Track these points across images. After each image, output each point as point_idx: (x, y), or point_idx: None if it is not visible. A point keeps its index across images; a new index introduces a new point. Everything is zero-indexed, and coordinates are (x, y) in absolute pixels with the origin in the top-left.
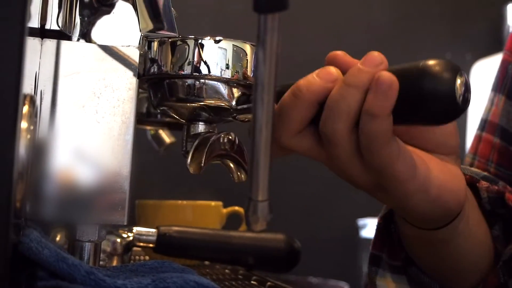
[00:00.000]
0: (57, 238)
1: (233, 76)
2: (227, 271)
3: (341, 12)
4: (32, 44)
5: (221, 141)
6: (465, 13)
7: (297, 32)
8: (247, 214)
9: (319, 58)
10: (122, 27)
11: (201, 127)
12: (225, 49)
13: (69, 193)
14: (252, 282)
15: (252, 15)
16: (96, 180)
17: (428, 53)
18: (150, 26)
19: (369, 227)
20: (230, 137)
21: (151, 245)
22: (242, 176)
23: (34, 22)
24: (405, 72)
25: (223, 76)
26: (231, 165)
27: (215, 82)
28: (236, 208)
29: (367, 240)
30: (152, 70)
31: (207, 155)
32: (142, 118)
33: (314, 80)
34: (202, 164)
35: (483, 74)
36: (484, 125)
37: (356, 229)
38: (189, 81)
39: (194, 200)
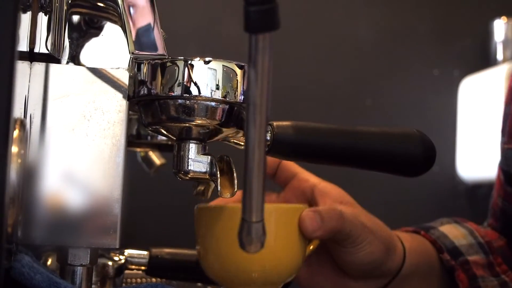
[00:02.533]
0: (49, 262)
1: (223, 97)
2: None
3: (327, 31)
4: (21, 67)
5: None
6: (452, 29)
7: (282, 52)
8: (240, 235)
9: (306, 78)
10: (111, 49)
11: (192, 146)
12: (215, 70)
13: (60, 217)
14: None
15: (243, 35)
16: (88, 203)
17: (416, 70)
18: (139, 48)
19: None
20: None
21: (143, 267)
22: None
23: (23, 45)
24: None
25: (214, 96)
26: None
27: (206, 102)
28: None
29: None
30: (142, 92)
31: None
32: (132, 140)
33: None
34: (236, 189)
35: (471, 90)
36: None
37: None
38: (180, 100)
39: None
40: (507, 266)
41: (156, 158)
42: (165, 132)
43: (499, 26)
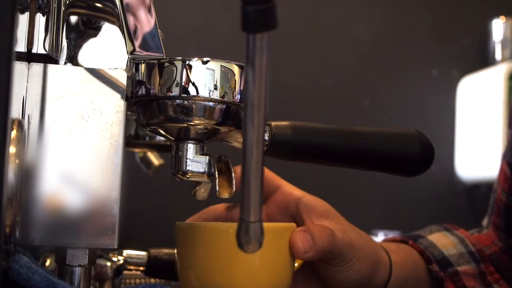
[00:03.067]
0: (47, 263)
1: (221, 97)
2: None
3: (325, 30)
4: (19, 68)
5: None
6: (450, 29)
7: (281, 52)
8: (239, 235)
9: (304, 78)
10: (109, 49)
11: (190, 146)
12: (213, 70)
13: (59, 217)
14: None
15: (241, 35)
16: (86, 204)
17: (414, 70)
18: (137, 48)
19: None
20: (226, 159)
21: (141, 268)
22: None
23: (20, 46)
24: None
25: (212, 96)
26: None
27: (204, 102)
28: None
29: None
30: (140, 92)
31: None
32: (130, 140)
33: None
34: (234, 189)
35: (470, 90)
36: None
37: None
38: (178, 100)
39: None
40: (499, 275)
41: (154, 159)
42: (163, 132)
43: (498, 26)
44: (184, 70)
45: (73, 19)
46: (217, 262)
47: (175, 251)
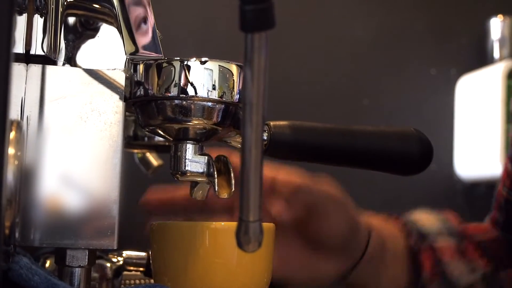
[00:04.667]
0: (47, 264)
1: (220, 97)
2: None
3: (323, 30)
4: (17, 69)
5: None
6: (448, 28)
7: (280, 52)
8: (238, 234)
9: (302, 77)
10: (107, 50)
11: (189, 146)
12: (211, 70)
13: (58, 218)
14: None
15: (239, 35)
16: (85, 205)
17: (413, 70)
18: (135, 48)
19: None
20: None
21: (141, 268)
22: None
23: (19, 47)
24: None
25: (210, 97)
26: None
27: (203, 103)
28: None
29: None
30: (138, 93)
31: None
32: (129, 141)
33: None
34: (233, 189)
35: (468, 89)
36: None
37: None
38: (177, 101)
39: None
40: (482, 254)
41: (153, 159)
42: (162, 133)
43: (496, 25)
44: (183, 71)
45: (71, 20)
46: (193, 263)
47: (150, 253)
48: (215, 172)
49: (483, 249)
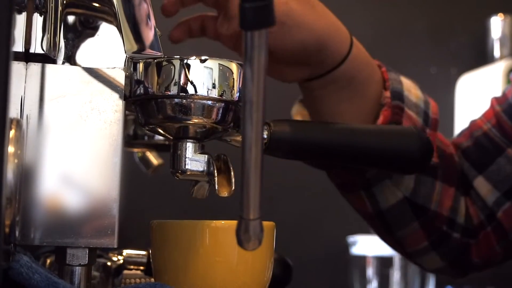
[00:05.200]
0: (47, 263)
1: (220, 95)
2: None
3: None
4: (17, 68)
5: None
6: (449, 27)
7: None
8: (238, 233)
9: None
10: (107, 49)
11: (189, 145)
12: (211, 69)
13: (58, 217)
14: None
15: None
16: (85, 203)
17: (413, 69)
18: (135, 47)
19: (359, 244)
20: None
21: (141, 267)
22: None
23: (18, 46)
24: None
25: (210, 95)
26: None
27: (203, 101)
28: None
29: (357, 257)
30: (138, 92)
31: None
32: (129, 140)
33: None
34: (233, 188)
35: (469, 88)
36: (500, 97)
37: (347, 246)
38: (177, 99)
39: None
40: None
41: (153, 158)
42: (162, 132)
43: (496, 23)
44: (182, 69)
45: (71, 19)
46: (193, 261)
47: (150, 251)
48: (215, 171)
49: (437, 152)
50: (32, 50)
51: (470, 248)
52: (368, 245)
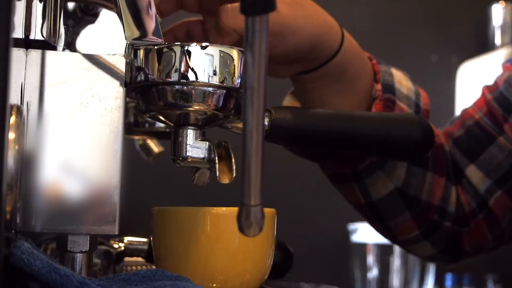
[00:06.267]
0: (48, 250)
1: (221, 82)
2: None
3: None
4: (17, 55)
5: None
6: (450, 15)
7: None
8: (239, 219)
9: None
10: (107, 35)
11: (190, 132)
12: (212, 55)
13: (59, 204)
14: None
15: None
16: (86, 190)
17: (414, 56)
18: (136, 34)
19: (360, 232)
20: (226, 144)
21: (142, 254)
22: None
23: (18, 32)
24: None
25: (211, 82)
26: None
27: (204, 88)
28: None
29: (358, 245)
30: (139, 78)
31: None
32: (130, 127)
33: None
34: (234, 175)
35: (470, 75)
36: (491, 85)
37: (347, 234)
38: (178, 86)
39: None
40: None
41: (154, 146)
42: (162, 119)
43: (497, 11)
44: (183, 56)
45: (71, 5)
46: (194, 248)
47: (151, 239)
48: (216, 158)
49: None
50: (32, 37)
51: (462, 236)
52: (368, 233)
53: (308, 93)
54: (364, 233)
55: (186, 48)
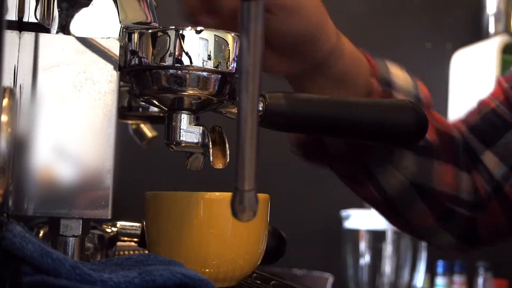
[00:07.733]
0: (41, 234)
1: (215, 67)
2: None
3: None
4: (10, 37)
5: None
6: (444, 3)
7: None
8: (233, 204)
9: None
10: (102, 19)
11: (184, 116)
12: (207, 40)
13: (52, 187)
14: (255, 281)
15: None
16: (79, 174)
17: (408, 44)
18: (130, 17)
19: (352, 219)
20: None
21: (135, 239)
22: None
23: (11, 15)
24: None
25: (205, 66)
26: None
27: (198, 72)
28: None
29: (350, 231)
30: (133, 62)
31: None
32: (123, 112)
33: None
34: (228, 160)
35: (463, 63)
36: (508, 75)
37: (340, 220)
38: (172, 70)
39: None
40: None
41: (147, 131)
42: (156, 103)
43: None
44: (178, 40)
45: None
46: (187, 233)
47: (144, 223)
48: (210, 143)
49: (435, 131)
50: (25, 19)
51: (476, 221)
52: (361, 219)
53: (304, 90)
54: (357, 219)
55: (180, 32)
